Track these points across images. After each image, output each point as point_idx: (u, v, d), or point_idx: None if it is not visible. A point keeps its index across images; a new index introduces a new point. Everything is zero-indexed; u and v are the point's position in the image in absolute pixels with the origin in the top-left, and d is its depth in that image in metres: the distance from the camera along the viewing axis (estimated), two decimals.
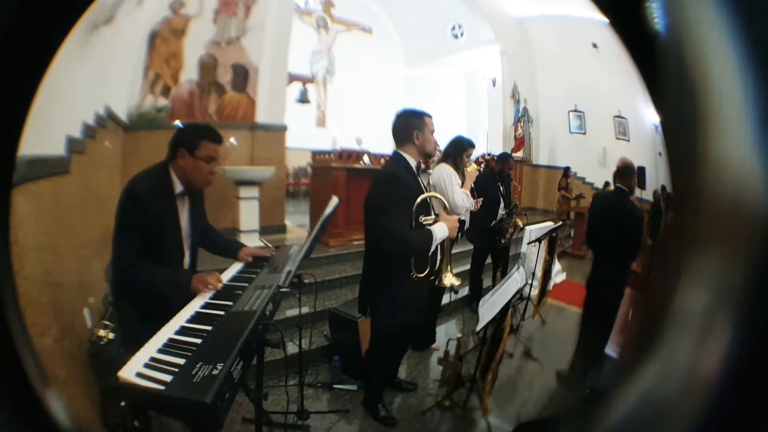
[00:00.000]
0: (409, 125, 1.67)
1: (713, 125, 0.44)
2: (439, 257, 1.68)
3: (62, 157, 1.31)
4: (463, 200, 1.99)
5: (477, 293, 2.35)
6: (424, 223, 1.58)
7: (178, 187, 1.35)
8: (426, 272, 1.62)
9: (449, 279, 1.69)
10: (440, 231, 1.58)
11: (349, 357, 1.99)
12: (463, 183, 2.05)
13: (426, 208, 1.63)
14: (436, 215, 1.65)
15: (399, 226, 1.55)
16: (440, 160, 2.04)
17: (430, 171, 1.99)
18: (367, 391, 1.82)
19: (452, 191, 1.97)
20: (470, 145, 2.13)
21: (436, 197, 1.68)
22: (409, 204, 1.58)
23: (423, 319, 1.87)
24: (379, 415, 1.74)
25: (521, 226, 2.35)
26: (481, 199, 2.16)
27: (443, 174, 1.99)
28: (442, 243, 1.63)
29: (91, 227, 1.42)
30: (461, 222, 1.87)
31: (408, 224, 1.56)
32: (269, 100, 2.80)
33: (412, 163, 1.67)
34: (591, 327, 1.77)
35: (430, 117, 1.71)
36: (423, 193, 1.62)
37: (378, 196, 1.63)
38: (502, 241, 2.35)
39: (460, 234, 1.71)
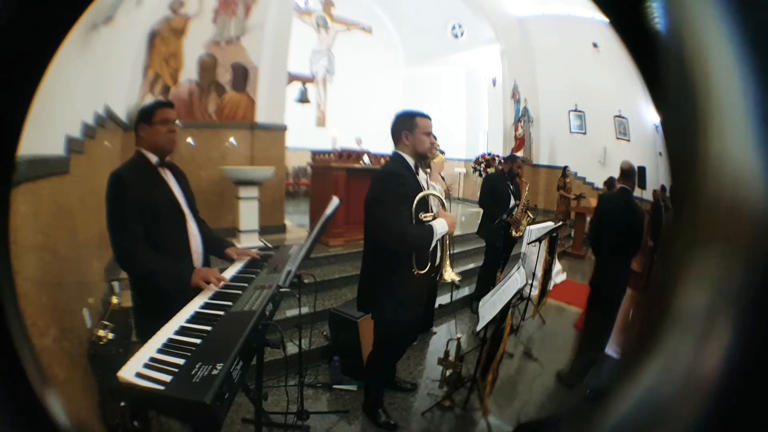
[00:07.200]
0: (398, 126, 1.65)
1: (714, 125, 0.44)
2: (439, 254, 1.68)
3: (62, 157, 1.31)
4: None
5: (483, 292, 2.34)
6: (424, 219, 1.58)
7: (153, 159, 1.40)
8: (427, 268, 1.61)
9: (449, 274, 1.69)
10: (440, 226, 1.57)
11: (348, 357, 1.99)
12: (430, 176, 2.06)
13: (425, 205, 1.62)
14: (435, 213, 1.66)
15: (398, 221, 1.53)
16: None
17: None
18: (367, 396, 1.81)
19: None
20: None
21: (434, 195, 1.67)
22: (408, 201, 1.57)
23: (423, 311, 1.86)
24: (379, 421, 1.73)
25: (532, 217, 2.47)
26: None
27: None
28: (441, 239, 1.62)
29: (91, 227, 1.42)
30: None
31: (407, 220, 1.56)
32: (269, 99, 2.80)
33: (411, 162, 1.65)
34: (592, 326, 1.77)
35: (426, 117, 1.65)
36: (422, 191, 1.62)
37: (377, 192, 1.61)
38: (515, 233, 2.43)
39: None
